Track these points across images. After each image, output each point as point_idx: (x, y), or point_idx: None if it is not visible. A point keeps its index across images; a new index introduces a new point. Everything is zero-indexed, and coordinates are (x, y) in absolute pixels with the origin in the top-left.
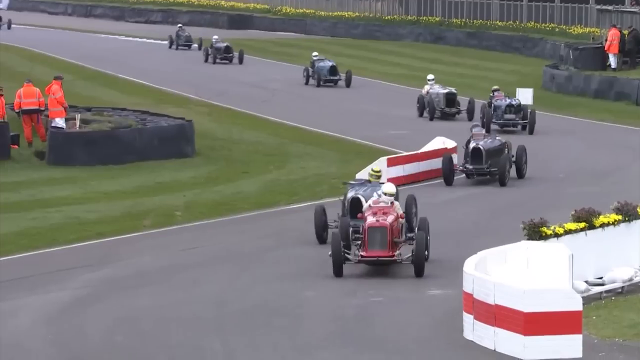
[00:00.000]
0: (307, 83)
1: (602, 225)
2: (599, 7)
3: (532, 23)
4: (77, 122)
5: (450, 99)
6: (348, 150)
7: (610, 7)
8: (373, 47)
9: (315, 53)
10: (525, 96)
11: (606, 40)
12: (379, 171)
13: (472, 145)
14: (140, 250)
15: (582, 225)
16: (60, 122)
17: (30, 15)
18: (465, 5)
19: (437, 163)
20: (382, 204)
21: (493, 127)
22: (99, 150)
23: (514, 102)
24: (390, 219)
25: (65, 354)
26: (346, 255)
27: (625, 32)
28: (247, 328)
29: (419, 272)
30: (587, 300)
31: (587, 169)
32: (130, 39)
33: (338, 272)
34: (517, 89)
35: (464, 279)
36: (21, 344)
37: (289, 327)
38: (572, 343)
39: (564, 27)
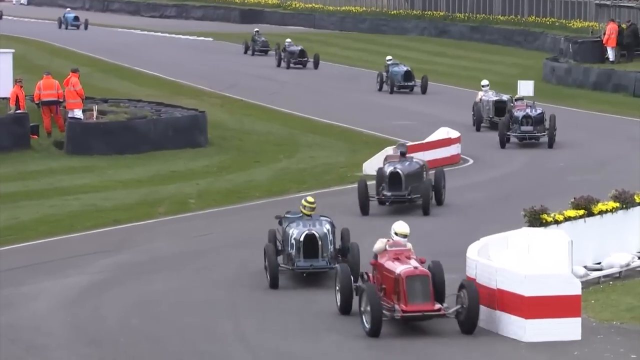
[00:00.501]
0: (380, 89)
1: (601, 213)
2: (597, 1)
3: (533, 17)
4: (95, 113)
5: (500, 108)
6: (355, 140)
7: (608, 2)
8: (380, 41)
9: (389, 57)
10: (526, 88)
11: (604, 34)
12: (313, 202)
13: (388, 169)
14: (155, 237)
15: (581, 212)
16: (78, 113)
17: (49, 10)
18: (468, 0)
19: (441, 152)
20: (401, 247)
21: (513, 140)
22: (115, 140)
23: (531, 114)
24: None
25: (83, 336)
26: (383, 312)
27: (624, 26)
28: (257, 311)
29: (470, 330)
30: (586, 284)
31: (587, 158)
32: (146, 32)
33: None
34: (519, 81)
35: (467, 264)
36: (41, 327)
37: (298, 311)
38: (572, 326)
39: (564, 21)
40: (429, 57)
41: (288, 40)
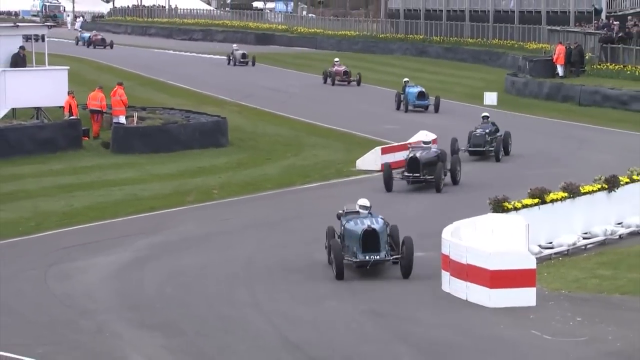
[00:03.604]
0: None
1: (552, 201)
2: (549, 27)
3: (496, 40)
4: (135, 119)
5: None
6: (351, 141)
7: (558, 28)
8: (370, 59)
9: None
10: (491, 98)
11: (554, 53)
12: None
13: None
14: (185, 221)
15: (536, 201)
16: (122, 119)
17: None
18: (443, 26)
19: None
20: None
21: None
22: (152, 141)
23: (486, 131)
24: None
25: (126, 302)
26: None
27: (572, 47)
28: (269, 282)
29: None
30: (540, 260)
31: (541, 156)
32: (177, 52)
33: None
34: (485, 92)
35: (442, 243)
36: (91, 295)
37: (304, 282)
38: (528, 294)
39: (522, 43)
40: (411, 73)
41: (336, 59)
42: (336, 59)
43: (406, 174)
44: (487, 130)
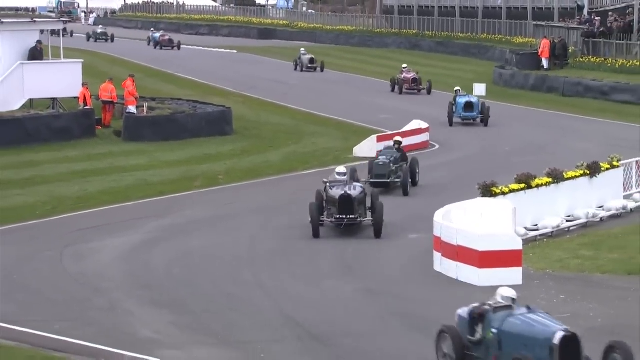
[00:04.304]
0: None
1: (537, 186)
2: (535, 22)
3: (485, 35)
4: (145, 109)
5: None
6: (348, 130)
7: (543, 23)
8: (366, 53)
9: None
10: (480, 89)
11: (540, 47)
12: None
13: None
14: (192, 205)
15: (522, 186)
16: (132, 109)
17: (110, 29)
18: (435, 21)
19: (415, 139)
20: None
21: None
22: (161, 130)
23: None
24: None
25: (137, 281)
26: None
27: (556, 41)
28: (272, 263)
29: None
30: (526, 241)
31: (527, 143)
32: (184, 46)
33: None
34: (474, 84)
35: (434, 226)
36: (104, 274)
37: (304, 263)
38: (514, 274)
39: (509, 37)
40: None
41: (404, 65)
42: (404, 65)
43: (337, 216)
44: (392, 158)
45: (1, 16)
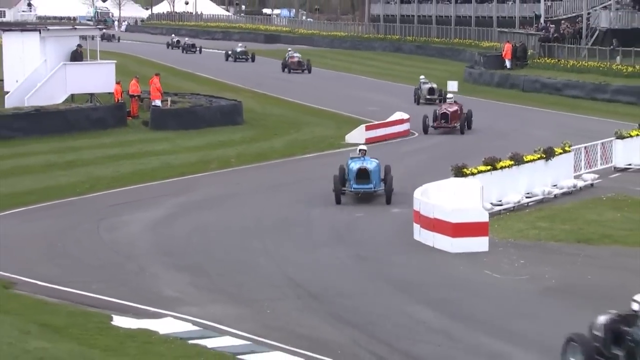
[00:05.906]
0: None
1: (502, 168)
2: (499, 29)
3: (457, 39)
4: (169, 103)
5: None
6: (340, 120)
7: (506, 29)
8: (357, 55)
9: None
10: (452, 85)
11: (503, 50)
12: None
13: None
14: (208, 184)
15: (489, 167)
16: (158, 102)
17: (139, 35)
18: (414, 28)
19: (397, 128)
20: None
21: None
22: (182, 120)
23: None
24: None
25: (161, 249)
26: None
27: (518, 44)
28: (276, 234)
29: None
30: (492, 215)
31: (492, 132)
32: (205, 49)
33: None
34: (448, 81)
35: (414, 202)
36: (133, 243)
37: (303, 233)
38: (482, 242)
39: (477, 42)
40: (390, 66)
41: (422, 76)
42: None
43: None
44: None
45: (47, 24)
